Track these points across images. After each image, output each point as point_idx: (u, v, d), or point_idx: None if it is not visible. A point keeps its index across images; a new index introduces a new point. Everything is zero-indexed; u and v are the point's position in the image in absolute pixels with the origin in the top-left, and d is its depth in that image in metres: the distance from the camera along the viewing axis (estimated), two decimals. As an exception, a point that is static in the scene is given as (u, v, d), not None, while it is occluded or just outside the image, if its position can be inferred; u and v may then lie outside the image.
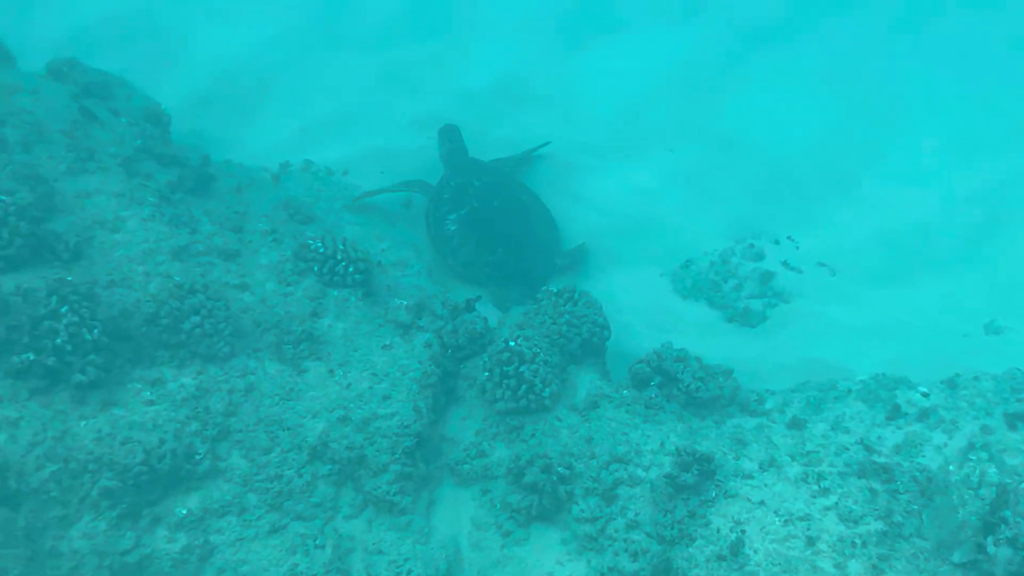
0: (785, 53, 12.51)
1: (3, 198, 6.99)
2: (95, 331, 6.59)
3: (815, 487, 6.48)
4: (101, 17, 12.24)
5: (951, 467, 6.37)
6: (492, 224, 9.51)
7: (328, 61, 12.07)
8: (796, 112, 11.49)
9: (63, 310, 6.51)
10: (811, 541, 6.16)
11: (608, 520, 6.71)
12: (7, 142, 8.01)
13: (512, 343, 7.40)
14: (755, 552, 6.20)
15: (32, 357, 6.40)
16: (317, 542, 6.72)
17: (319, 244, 8.00)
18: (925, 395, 7.04)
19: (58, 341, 6.45)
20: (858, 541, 6.09)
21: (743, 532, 6.32)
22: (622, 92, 12.08)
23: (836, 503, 6.32)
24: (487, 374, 7.39)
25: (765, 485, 6.58)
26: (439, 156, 10.43)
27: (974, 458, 6.38)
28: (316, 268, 7.96)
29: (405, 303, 7.91)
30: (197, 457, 6.71)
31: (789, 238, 9.79)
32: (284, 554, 6.66)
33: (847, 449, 6.73)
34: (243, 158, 10.25)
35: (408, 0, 13.08)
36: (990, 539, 5.69)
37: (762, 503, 6.47)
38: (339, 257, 7.97)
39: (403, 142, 10.94)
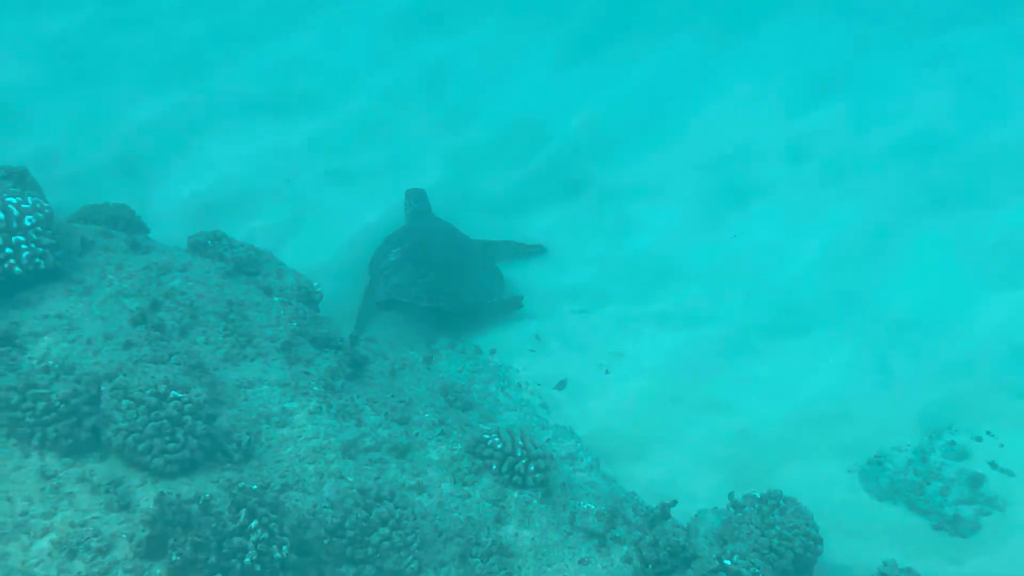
0: (952, 221, 12.18)
1: (179, 395, 6.78)
2: (284, 548, 6.30)
3: None
4: (220, 180, 12.30)
5: None
6: (429, 255, 10.29)
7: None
8: (980, 288, 11.12)
9: (252, 525, 6.23)
10: None
11: None
12: (164, 327, 7.87)
13: (728, 562, 7.03)
14: None
15: (219, 580, 6.09)
16: None
17: (496, 439, 7.75)
18: None
19: (247, 560, 6.16)
20: None
21: None
22: (773, 266, 11.81)
23: None
24: (700, 596, 6.99)
25: None
26: (405, 217, 11.38)
27: None
28: (494, 467, 7.67)
29: (594, 508, 7.58)
30: None
31: (989, 433, 9.33)
32: None
33: None
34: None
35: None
36: None
37: None
38: (519, 454, 7.71)
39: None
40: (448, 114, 13.90)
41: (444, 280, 10.19)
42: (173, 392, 6.79)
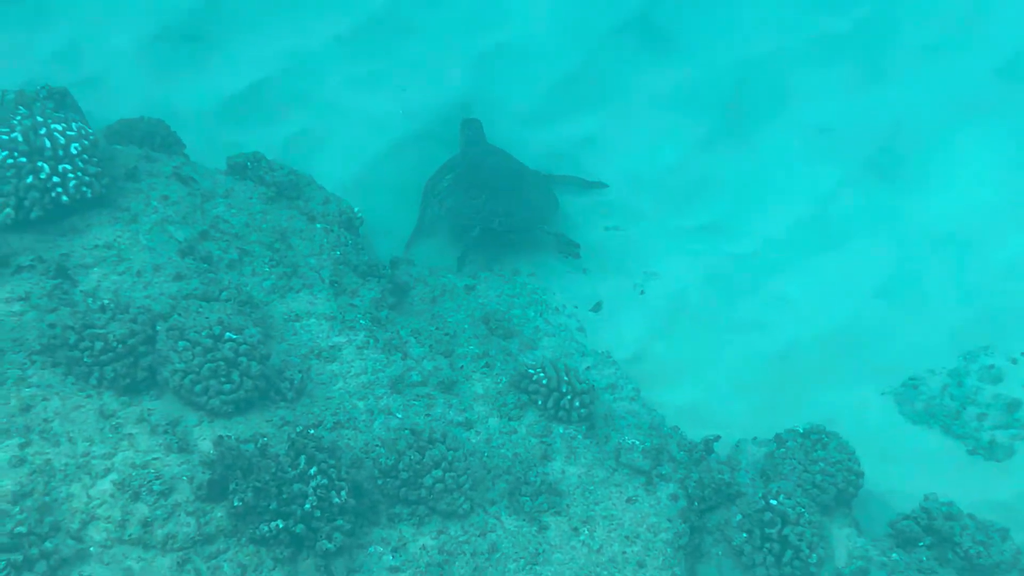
0: (990, 128, 11.96)
1: (234, 336, 6.84)
2: (343, 493, 6.43)
3: None
4: (248, 86, 12.10)
5: None
6: (482, 179, 10.33)
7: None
8: (1020, 201, 10.99)
9: (311, 472, 6.34)
10: None
11: None
12: (212, 258, 7.88)
13: (774, 501, 7.18)
14: None
15: (281, 525, 6.22)
16: None
17: (541, 374, 7.82)
18: None
19: (307, 507, 6.29)
20: None
21: None
22: (801, 177, 11.68)
23: None
24: (745, 535, 7.17)
25: None
26: (460, 145, 11.26)
27: None
28: (540, 402, 7.77)
29: (639, 444, 7.69)
30: (449, 636, 6.51)
31: (1024, 355, 9.39)
32: None
33: None
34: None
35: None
36: None
37: None
38: (564, 390, 7.79)
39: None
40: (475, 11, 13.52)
41: (497, 201, 10.23)
42: (228, 334, 6.85)
